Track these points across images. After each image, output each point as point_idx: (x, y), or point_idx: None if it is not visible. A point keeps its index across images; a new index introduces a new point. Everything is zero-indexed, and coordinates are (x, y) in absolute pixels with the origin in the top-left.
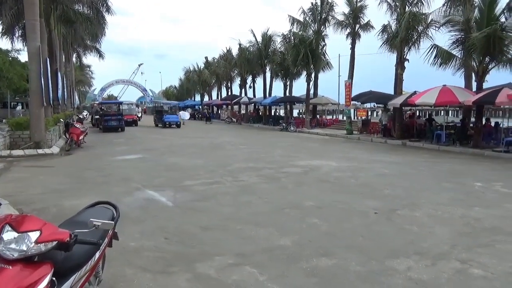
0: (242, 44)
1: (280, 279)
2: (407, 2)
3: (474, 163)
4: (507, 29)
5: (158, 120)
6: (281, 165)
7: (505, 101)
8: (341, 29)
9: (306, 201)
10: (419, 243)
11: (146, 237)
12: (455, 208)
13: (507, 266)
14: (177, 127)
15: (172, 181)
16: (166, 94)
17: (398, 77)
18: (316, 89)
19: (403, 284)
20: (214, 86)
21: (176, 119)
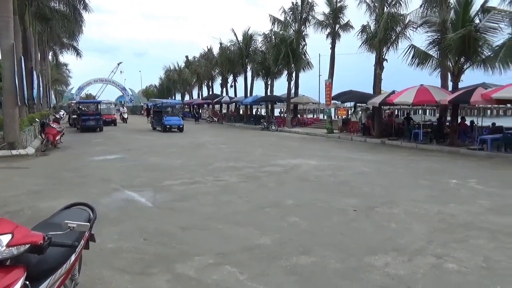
0: (223, 43)
1: (260, 278)
2: (386, 3)
3: (450, 160)
4: (481, 31)
5: (156, 123)
6: (262, 164)
7: (479, 100)
8: (321, 29)
9: (286, 200)
10: (397, 239)
11: (125, 238)
12: (431, 204)
13: (480, 260)
14: (179, 131)
15: (152, 181)
16: (146, 93)
17: (377, 76)
18: (297, 88)
19: (380, 280)
20: (195, 85)
21: (179, 122)
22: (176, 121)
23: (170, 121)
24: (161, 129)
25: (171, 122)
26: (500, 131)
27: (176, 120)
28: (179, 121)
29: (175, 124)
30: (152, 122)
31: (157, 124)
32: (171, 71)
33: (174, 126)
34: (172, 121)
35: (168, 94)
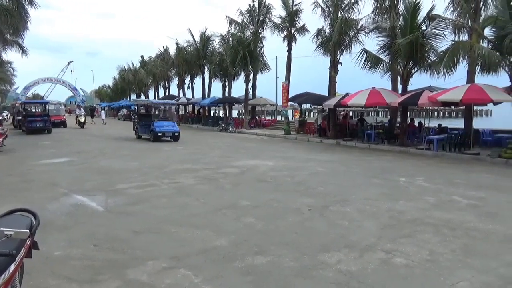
0: (180, 44)
1: (215, 280)
2: (340, 8)
3: (400, 160)
4: (427, 37)
5: (142, 129)
6: (219, 165)
7: (426, 103)
8: (278, 32)
9: (243, 201)
10: (349, 236)
11: (73, 245)
12: (382, 202)
13: (426, 254)
14: (173, 140)
15: (104, 185)
16: (99, 94)
17: (332, 79)
18: (254, 90)
19: (333, 276)
20: (151, 86)
21: (173, 128)
22: (171, 128)
23: (163, 127)
24: (150, 137)
25: (163, 129)
26: (445, 132)
27: (170, 126)
28: (173, 127)
29: (170, 130)
30: (136, 128)
31: (143, 131)
32: (126, 71)
33: (167, 133)
34: (165, 127)
35: (123, 94)
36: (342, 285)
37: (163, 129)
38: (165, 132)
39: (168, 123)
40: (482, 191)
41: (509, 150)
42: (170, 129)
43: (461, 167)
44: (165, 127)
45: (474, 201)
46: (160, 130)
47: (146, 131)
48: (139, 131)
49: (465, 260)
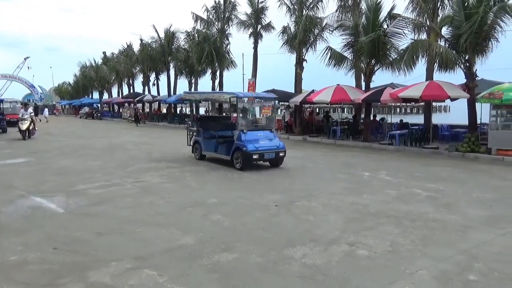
0: (144, 40)
1: (180, 279)
2: (304, 5)
3: (364, 155)
4: (388, 35)
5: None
6: (186, 163)
7: (388, 99)
8: (244, 29)
9: (210, 199)
10: (314, 231)
11: (31, 249)
12: (346, 196)
13: (387, 245)
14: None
15: (64, 186)
16: (59, 91)
17: (298, 76)
18: (221, 87)
19: (298, 270)
20: (114, 83)
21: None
22: (269, 142)
23: (258, 143)
24: (235, 160)
25: (261, 145)
26: (407, 127)
27: (268, 139)
28: (274, 141)
29: (270, 148)
30: (196, 143)
31: (210, 147)
32: (87, 68)
33: (267, 154)
34: (262, 142)
35: (85, 92)
36: (307, 279)
37: (260, 145)
38: (264, 152)
39: (265, 134)
40: (440, 183)
41: (465, 144)
42: (269, 145)
43: (421, 161)
44: (262, 141)
45: (433, 193)
46: (255, 149)
47: (218, 148)
48: (201, 146)
49: (424, 250)
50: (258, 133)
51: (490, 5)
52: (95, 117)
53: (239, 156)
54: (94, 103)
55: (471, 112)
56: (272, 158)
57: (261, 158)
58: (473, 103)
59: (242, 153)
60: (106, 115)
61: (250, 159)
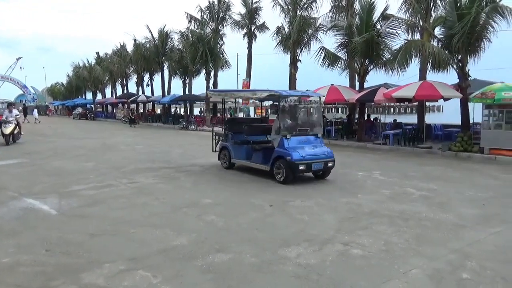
0: (137, 40)
1: (175, 280)
2: (298, 6)
3: (358, 154)
4: (382, 35)
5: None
6: (180, 164)
7: (382, 99)
8: (238, 29)
9: (204, 199)
10: (309, 230)
11: (23, 251)
12: (341, 196)
13: (381, 244)
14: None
15: (57, 187)
16: (52, 91)
17: (292, 76)
18: (215, 87)
19: (293, 270)
20: (108, 84)
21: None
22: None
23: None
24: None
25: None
26: (400, 127)
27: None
28: (322, 149)
29: (318, 157)
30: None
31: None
32: (80, 68)
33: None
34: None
35: (78, 92)
36: (302, 278)
37: (307, 154)
38: (312, 161)
39: (310, 140)
40: (433, 182)
41: (458, 144)
42: (317, 153)
43: (414, 161)
44: (308, 148)
45: (426, 192)
46: (301, 158)
47: (252, 155)
48: (231, 153)
49: (418, 249)
50: (302, 138)
51: (482, 6)
52: (89, 118)
53: (281, 167)
54: (87, 104)
55: (464, 112)
56: (320, 169)
57: (308, 169)
58: (465, 103)
59: (285, 163)
60: (99, 116)
61: (295, 170)
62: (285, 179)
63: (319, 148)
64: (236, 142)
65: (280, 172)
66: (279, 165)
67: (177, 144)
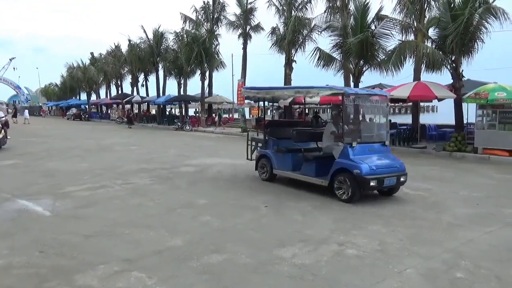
0: (132, 40)
1: (170, 280)
2: (293, 6)
3: None
4: (376, 36)
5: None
6: (175, 164)
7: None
8: (233, 29)
9: (199, 200)
10: (304, 231)
11: (17, 253)
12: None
13: (376, 244)
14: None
15: (51, 188)
16: (45, 92)
17: (287, 77)
18: (211, 88)
19: (288, 270)
20: (102, 84)
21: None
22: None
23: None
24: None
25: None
26: (395, 127)
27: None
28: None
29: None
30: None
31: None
32: (75, 69)
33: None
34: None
35: (72, 93)
36: (297, 278)
37: (377, 166)
38: (384, 176)
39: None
40: (428, 182)
41: (452, 144)
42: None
43: (409, 160)
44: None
45: (421, 192)
46: (371, 172)
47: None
48: (272, 163)
49: (412, 249)
50: (368, 147)
51: (475, 7)
52: (83, 119)
53: (345, 182)
54: (81, 104)
55: (458, 112)
56: (392, 185)
57: (380, 185)
58: (459, 103)
59: (351, 177)
60: (94, 117)
61: (365, 186)
62: (350, 197)
63: (388, 159)
64: (281, 150)
65: (343, 188)
66: (343, 180)
67: (172, 144)
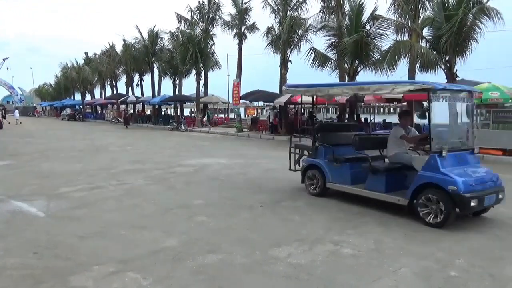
0: (126, 40)
1: (165, 281)
2: (288, 6)
3: None
4: (371, 36)
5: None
6: (170, 165)
7: (372, 99)
8: (229, 29)
9: (195, 200)
10: (299, 230)
11: (10, 254)
12: (331, 196)
13: (371, 243)
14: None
15: (45, 189)
16: (39, 92)
17: (282, 76)
18: (206, 88)
19: (283, 270)
20: (97, 84)
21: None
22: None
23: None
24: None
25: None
26: (390, 127)
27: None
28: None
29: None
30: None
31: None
32: (69, 69)
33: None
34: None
35: (66, 93)
36: (292, 278)
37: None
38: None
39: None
40: None
41: None
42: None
43: None
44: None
45: None
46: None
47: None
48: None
49: (407, 248)
50: (457, 156)
51: (469, 7)
52: (78, 119)
53: (434, 201)
54: (76, 105)
55: None
56: (491, 205)
57: (481, 205)
58: None
59: (445, 196)
60: (88, 117)
61: (465, 207)
62: (442, 221)
63: (483, 171)
64: (338, 160)
65: (430, 209)
66: (431, 198)
67: (168, 145)
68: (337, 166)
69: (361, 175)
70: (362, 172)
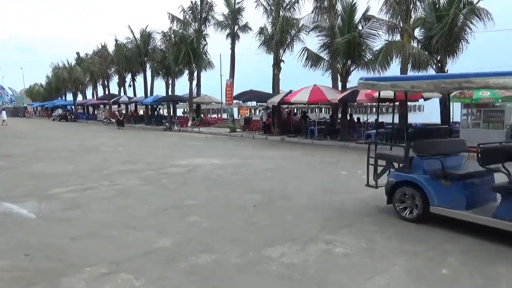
0: (119, 40)
1: (158, 282)
2: (281, 6)
3: (341, 154)
4: (363, 36)
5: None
6: (163, 165)
7: (364, 99)
8: (221, 29)
9: (188, 200)
10: (292, 230)
11: (1, 256)
12: (324, 195)
13: (363, 242)
14: None
15: (36, 190)
16: (30, 93)
17: (275, 77)
18: (199, 88)
19: (276, 270)
20: (89, 85)
21: None
22: None
23: None
24: None
25: None
26: (382, 127)
27: None
28: None
29: None
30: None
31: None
32: (60, 69)
33: None
34: None
35: (57, 93)
36: (285, 278)
37: None
38: None
39: None
40: None
41: None
42: None
43: None
44: None
45: None
46: None
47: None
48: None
49: (399, 247)
50: None
51: (460, 8)
52: (69, 119)
53: None
54: (67, 105)
55: (444, 111)
56: None
57: None
58: (445, 103)
59: None
60: (80, 117)
61: None
62: None
63: None
64: (448, 176)
65: None
66: None
67: (160, 145)
68: (446, 184)
69: (477, 197)
70: (481, 192)
